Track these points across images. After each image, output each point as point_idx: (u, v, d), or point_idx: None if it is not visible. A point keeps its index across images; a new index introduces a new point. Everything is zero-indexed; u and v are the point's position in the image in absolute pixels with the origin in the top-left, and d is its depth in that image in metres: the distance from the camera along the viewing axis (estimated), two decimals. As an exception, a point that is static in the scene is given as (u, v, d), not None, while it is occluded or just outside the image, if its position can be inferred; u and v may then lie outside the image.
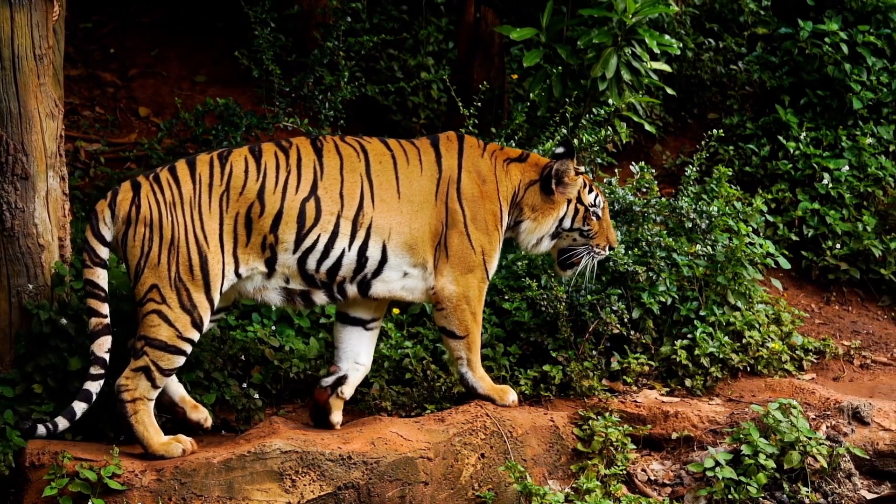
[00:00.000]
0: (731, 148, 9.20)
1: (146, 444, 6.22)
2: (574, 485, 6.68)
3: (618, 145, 9.20)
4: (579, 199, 6.85)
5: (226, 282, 6.36)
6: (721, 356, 7.37)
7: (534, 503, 6.41)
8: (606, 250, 6.94)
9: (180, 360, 6.31)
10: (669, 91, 8.76)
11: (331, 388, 6.67)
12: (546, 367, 7.15)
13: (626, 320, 7.28)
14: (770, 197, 8.69)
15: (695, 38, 10.15)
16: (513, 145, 7.96)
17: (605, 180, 7.91)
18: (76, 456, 6.10)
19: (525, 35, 8.31)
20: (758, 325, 7.57)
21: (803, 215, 8.80)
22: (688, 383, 7.34)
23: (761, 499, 6.66)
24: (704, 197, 7.84)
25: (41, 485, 6.04)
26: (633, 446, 6.87)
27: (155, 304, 6.25)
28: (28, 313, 6.53)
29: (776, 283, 8.13)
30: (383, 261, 6.54)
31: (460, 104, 8.04)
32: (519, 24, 8.61)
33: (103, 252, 6.30)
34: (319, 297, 6.56)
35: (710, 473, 6.67)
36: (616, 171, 8.32)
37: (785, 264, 7.94)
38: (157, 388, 6.27)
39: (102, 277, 6.28)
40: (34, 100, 6.52)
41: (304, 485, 6.22)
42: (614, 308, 7.23)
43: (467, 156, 6.73)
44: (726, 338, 7.40)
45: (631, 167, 7.94)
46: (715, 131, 8.01)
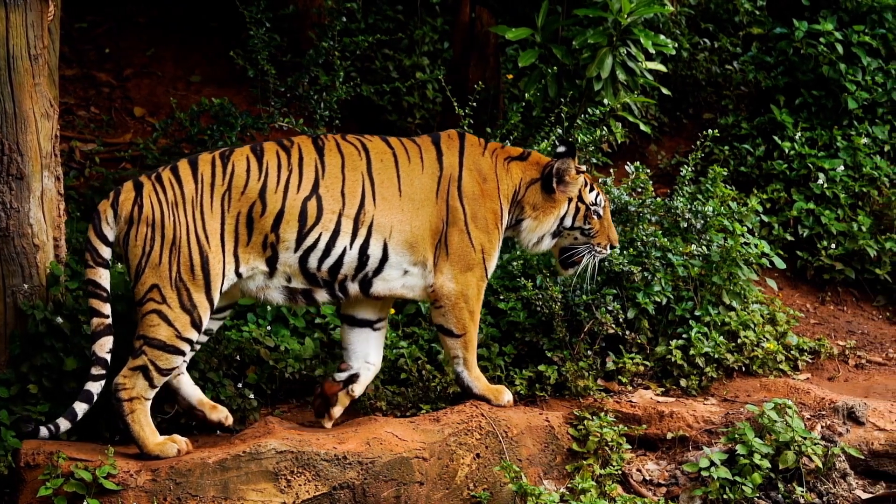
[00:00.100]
0: (726, 148, 9.19)
1: (141, 443, 6.22)
2: (569, 485, 6.69)
3: (613, 145, 9.20)
4: (580, 198, 6.85)
5: (226, 281, 6.36)
6: (716, 356, 7.37)
7: (529, 503, 6.41)
8: (608, 249, 6.93)
9: (178, 360, 6.31)
10: (665, 91, 8.75)
11: (343, 384, 6.68)
12: (541, 367, 7.15)
13: (621, 320, 7.28)
14: (765, 197, 8.70)
15: (690, 37, 10.16)
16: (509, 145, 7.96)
17: (600, 180, 7.89)
18: (71, 456, 6.09)
19: (520, 35, 8.32)
20: (753, 325, 7.57)
21: (798, 215, 8.81)
22: (683, 383, 7.34)
23: (756, 499, 6.66)
24: (699, 197, 7.83)
25: (36, 485, 6.03)
26: (629, 446, 6.88)
27: (155, 304, 6.25)
28: (23, 313, 6.52)
29: (771, 283, 8.13)
30: (384, 259, 6.54)
31: (455, 104, 8.03)
32: (514, 24, 8.61)
33: (106, 252, 6.30)
34: (321, 296, 6.56)
35: (705, 473, 6.67)
36: (611, 171, 8.31)
37: (780, 264, 7.94)
38: (154, 387, 6.27)
39: (105, 278, 6.27)
40: (29, 100, 6.51)
41: (300, 485, 6.21)
42: (609, 308, 7.23)
43: (468, 154, 6.73)
44: (721, 338, 7.41)
45: (626, 167, 7.93)
46: (710, 131, 8.01)
